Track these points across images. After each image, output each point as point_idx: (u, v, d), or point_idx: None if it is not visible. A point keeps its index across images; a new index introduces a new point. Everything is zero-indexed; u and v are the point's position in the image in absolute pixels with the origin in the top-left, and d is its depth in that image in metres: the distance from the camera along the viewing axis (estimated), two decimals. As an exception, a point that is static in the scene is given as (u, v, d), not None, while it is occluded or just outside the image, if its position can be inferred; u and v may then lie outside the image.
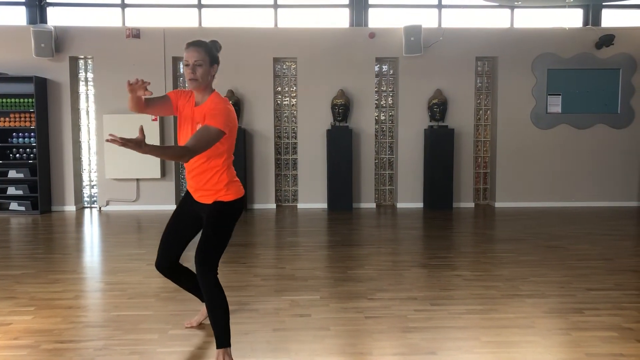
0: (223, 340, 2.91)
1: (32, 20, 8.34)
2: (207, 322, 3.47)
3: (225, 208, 2.97)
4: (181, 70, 8.43)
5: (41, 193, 7.94)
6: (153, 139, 7.96)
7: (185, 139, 2.96)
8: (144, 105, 2.92)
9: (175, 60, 8.33)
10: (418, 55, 8.20)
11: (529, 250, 5.51)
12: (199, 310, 3.63)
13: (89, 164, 8.56)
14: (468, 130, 8.50)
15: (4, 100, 7.88)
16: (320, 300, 3.94)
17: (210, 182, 2.95)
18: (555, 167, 8.54)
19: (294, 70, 8.56)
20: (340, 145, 8.10)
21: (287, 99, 8.63)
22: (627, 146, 8.53)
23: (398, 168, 8.54)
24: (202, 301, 3.44)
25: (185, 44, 2.87)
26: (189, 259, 3.23)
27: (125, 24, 8.44)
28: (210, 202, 2.97)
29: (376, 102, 8.62)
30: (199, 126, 2.86)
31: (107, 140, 2.35)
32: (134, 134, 2.44)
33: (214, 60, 2.89)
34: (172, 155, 2.71)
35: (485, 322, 3.52)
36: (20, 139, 7.98)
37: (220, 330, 2.90)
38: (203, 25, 8.53)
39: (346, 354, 3.06)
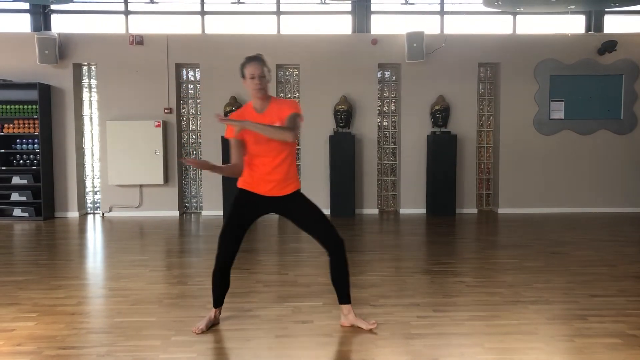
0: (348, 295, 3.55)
1: (36, 27, 8.39)
2: (210, 325, 3.49)
3: (302, 193, 3.48)
4: (184, 77, 8.47)
5: (44, 199, 7.96)
6: (156, 144, 7.94)
7: (258, 145, 3.30)
8: (240, 166, 3.38)
9: (179, 67, 8.36)
10: (420, 62, 8.21)
11: (532, 257, 5.49)
12: (201, 316, 3.64)
13: (92, 170, 8.58)
14: (471, 136, 8.49)
15: (8, 106, 7.91)
16: (323, 307, 3.94)
17: (292, 171, 3.41)
18: (558, 173, 8.52)
19: (296, 77, 8.58)
20: (343, 151, 8.10)
21: (290, 105, 8.63)
22: (629, 152, 8.51)
23: (401, 174, 8.54)
24: (214, 305, 3.55)
25: (245, 58, 3.37)
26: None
27: (129, 31, 8.48)
28: (291, 191, 3.40)
29: (379, 108, 8.63)
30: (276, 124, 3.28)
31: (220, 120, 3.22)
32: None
33: (269, 70, 3.41)
34: (275, 131, 3.18)
35: (488, 328, 3.51)
36: (24, 146, 8.01)
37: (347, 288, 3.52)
38: (206, 32, 8.57)
39: (349, 361, 3.06)
